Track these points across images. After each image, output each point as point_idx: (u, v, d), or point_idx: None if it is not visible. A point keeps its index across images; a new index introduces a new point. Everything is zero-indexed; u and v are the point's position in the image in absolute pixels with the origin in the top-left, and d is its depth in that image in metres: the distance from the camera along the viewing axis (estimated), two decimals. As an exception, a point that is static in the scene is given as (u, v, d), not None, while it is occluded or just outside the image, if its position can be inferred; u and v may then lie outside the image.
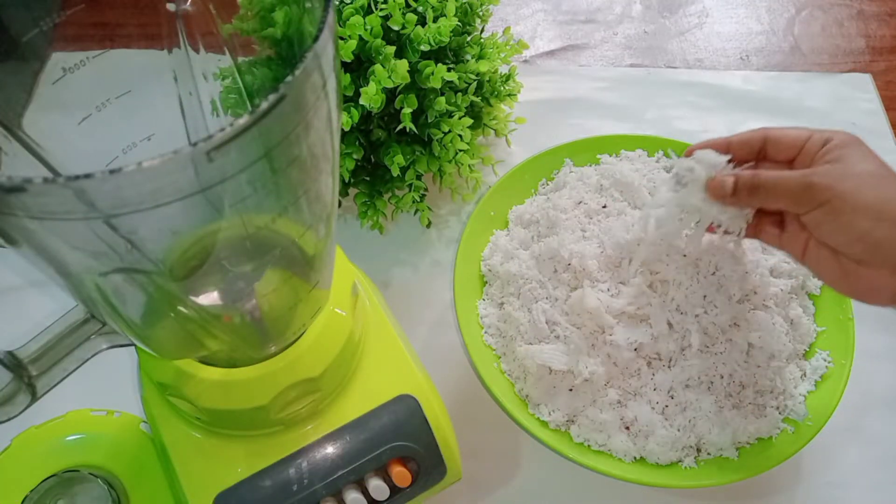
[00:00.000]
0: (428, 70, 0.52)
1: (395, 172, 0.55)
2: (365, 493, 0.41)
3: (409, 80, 0.51)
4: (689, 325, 0.49)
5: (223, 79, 0.38)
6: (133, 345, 0.41)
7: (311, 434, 0.42)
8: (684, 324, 0.49)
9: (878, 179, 0.39)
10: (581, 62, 0.77)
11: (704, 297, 0.49)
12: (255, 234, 0.29)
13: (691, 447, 0.49)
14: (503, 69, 0.62)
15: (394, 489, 0.42)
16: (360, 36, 0.51)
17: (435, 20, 0.53)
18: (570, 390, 0.50)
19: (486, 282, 0.58)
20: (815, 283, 0.56)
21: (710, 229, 0.47)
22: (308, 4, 0.28)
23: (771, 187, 0.41)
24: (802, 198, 0.40)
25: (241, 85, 0.37)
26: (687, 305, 0.49)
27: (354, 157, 0.54)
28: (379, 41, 0.51)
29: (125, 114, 0.34)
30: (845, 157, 0.40)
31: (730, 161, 0.44)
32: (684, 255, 0.49)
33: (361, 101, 0.50)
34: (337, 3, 0.53)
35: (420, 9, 0.54)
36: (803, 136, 0.43)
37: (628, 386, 0.50)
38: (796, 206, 0.41)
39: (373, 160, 0.59)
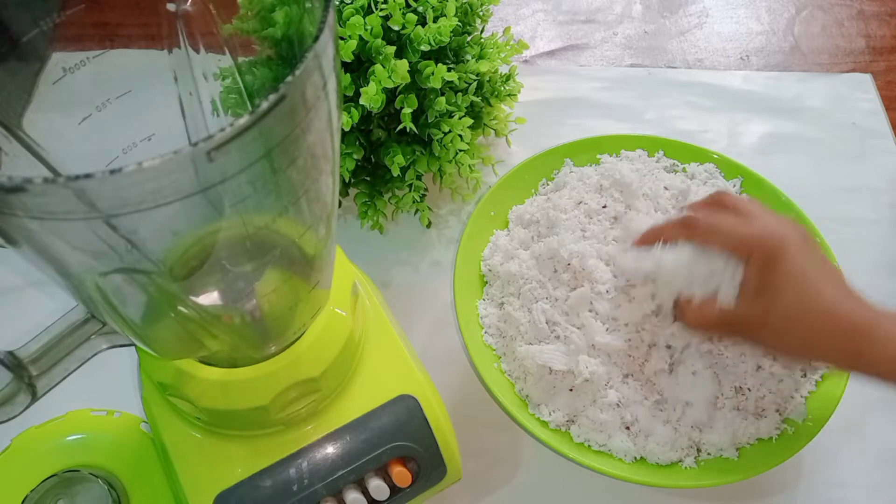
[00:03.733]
0: (428, 70, 0.52)
1: (395, 172, 0.55)
2: (365, 493, 0.41)
3: (409, 80, 0.51)
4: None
5: (223, 79, 0.38)
6: (133, 345, 0.41)
7: (312, 434, 0.42)
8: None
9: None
10: (581, 62, 0.77)
11: None
12: (256, 234, 0.29)
13: (691, 447, 0.49)
14: (503, 69, 0.62)
15: (394, 489, 0.42)
16: (360, 36, 0.51)
17: (435, 20, 0.53)
18: (571, 390, 0.50)
19: (487, 282, 0.58)
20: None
21: None
22: (308, 4, 0.28)
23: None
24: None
25: (241, 85, 0.37)
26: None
27: (354, 157, 0.54)
28: (379, 41, 0.51)
29: (125, 114, 0.34)
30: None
31: None
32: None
33: (361, 101, 0.50)
34: (337, 3, 0.53)
35: (420, 9, 0.54)
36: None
37: (629, 386, 0.49)
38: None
39: (373, 160, 0.59)
